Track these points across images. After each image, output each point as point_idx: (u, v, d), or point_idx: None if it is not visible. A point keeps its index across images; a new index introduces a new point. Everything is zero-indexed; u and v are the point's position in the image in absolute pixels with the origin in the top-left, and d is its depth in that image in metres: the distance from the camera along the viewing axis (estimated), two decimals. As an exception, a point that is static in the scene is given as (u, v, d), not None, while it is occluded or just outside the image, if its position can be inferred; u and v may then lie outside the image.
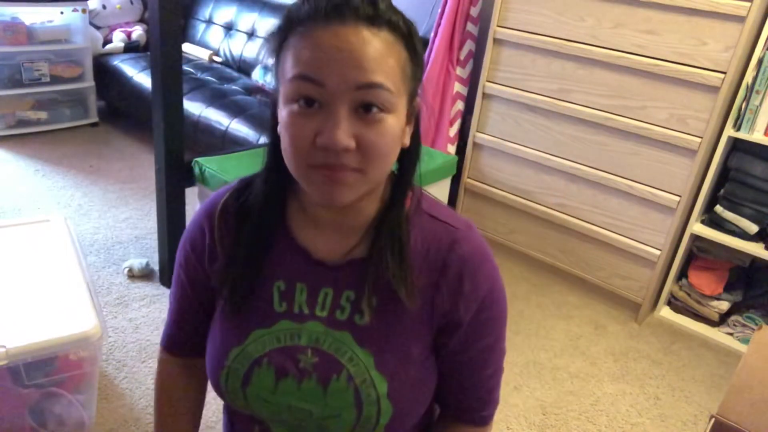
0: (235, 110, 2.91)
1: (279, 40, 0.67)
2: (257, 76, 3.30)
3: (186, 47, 3.73)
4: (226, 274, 0.76)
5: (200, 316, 0.84)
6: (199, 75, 3.39)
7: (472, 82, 2.74)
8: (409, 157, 0.74)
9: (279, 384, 0.74)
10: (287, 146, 0.66)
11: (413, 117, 0.72)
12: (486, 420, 0.83)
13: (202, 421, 1.68)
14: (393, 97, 0.64)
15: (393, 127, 0.65)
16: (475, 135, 2.65)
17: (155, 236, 2.32)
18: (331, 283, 0.75)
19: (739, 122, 2.05)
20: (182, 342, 0.89)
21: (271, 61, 0.70)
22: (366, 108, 0.63)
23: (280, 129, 0.67)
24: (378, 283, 0.72)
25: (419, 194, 0.77)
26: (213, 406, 1.72)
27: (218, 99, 3.01)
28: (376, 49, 0.62)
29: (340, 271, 0.75)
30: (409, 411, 0.75)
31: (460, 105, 2.77)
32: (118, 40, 3.69)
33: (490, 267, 0.76)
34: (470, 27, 2.68)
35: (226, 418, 0.90)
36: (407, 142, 0.72)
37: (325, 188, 0.65)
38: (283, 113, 0.66)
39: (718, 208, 2.23)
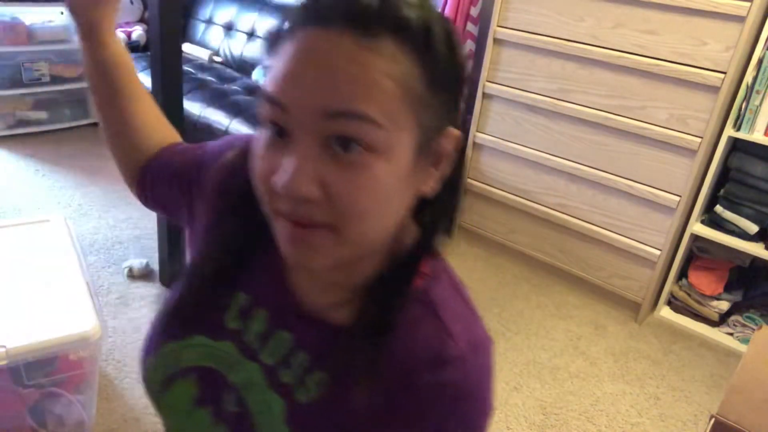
0: (235, 110, 2.91)
1: (270, 43, 0.52)
2: (257, 76, 3.30)
3: (186, 47, 3.72)
4: (200, 257, 0.65)
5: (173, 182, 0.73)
6: (199, 75, 3.39)
7: (472, 82, 2.74)
8: (432, 210, 0.56)
9: (196, 409, 0.63)
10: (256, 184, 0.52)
11: (442, 159, 0.54)
12: None
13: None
14: (383, 133, 0.47)
15: (382, 175, 0.48)
16: (475, 135, 2.65)
17: (155, 236, 2.32)
18: (292, 331, 0.60)
19: (739, 122, 2.05)
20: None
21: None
22: (343, 144, 0.46)
23: None
24: (345, 361, 0.56)
25: (434, 272, 0.58)
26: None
27: (218, 99, 3.01)
28: (362, 65, 0.45)
29: (308, 324, 0.59)
30: None
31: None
32: (118, 40, 3.69)
33: (476, 408, 0.56)
34: (470, 27, 2.68)
35: None
36: (428, 189, 0.54)
37: (290, 246, 0.50)
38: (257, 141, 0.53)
39: (718, 208, 2.23)
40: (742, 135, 2.06)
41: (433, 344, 0.54)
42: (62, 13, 3.33)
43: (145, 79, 3.22)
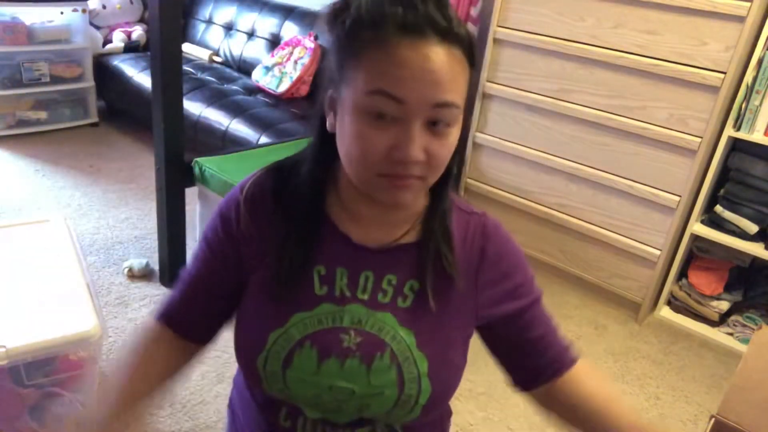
0: (235, 110, 2.91)
1: (348, 42, 0.66)
2: (257, 76, 3.30)
3: (186, 47, 3.73)
4: (272, 259, 0.76)
5: (213, 298, 0.82)
6: (199, 75, 3.39)
7: (472, 81, 2.74)
8: (453, 156, 0.75)
9: (322, 365, 0.74)
10: (356, 155, 0.67)
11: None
12: (577, 357, 0.84)
13: (202, 420, 1.68)
14: (460, 112, 0.68)
15: (455, 138, 0.70)
16: (475, 135, 2.65)
17: (155, 236, 2.32)
18: (372, 267, 0.77)
19: (739, 122, 2.05)
20: (186, 321, 0.84)
21: (332, 61, 0.70)
22: (435, 123, 0.66)
23: (344, 136, 0.68)
24: (421, 268, 0.76)
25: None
26: (213, 406, 1.72)
27: (218, 99, 3.01)
28: (452, 68, 0.65)
29: (381, 255, 0.77)
30: (446, 392, 0.78)
31: (460, 105, 2.77)
32: (118, 40, 3.69)
33: (512, 240, 0.84)
34: (470, 27, 2.67)
35: (242, 408, 0.87)
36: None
37: (389, 193, 0.69)
38: (349, 121, 0.67)
39: (718, 208, 2.23)
40: (742, 135, 2.06)
41: (474, 223, 0.81)
42: (62, 12, 3.33)
43: (145, 79, 3.23)
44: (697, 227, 2.25)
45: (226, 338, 0.83)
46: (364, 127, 0.65)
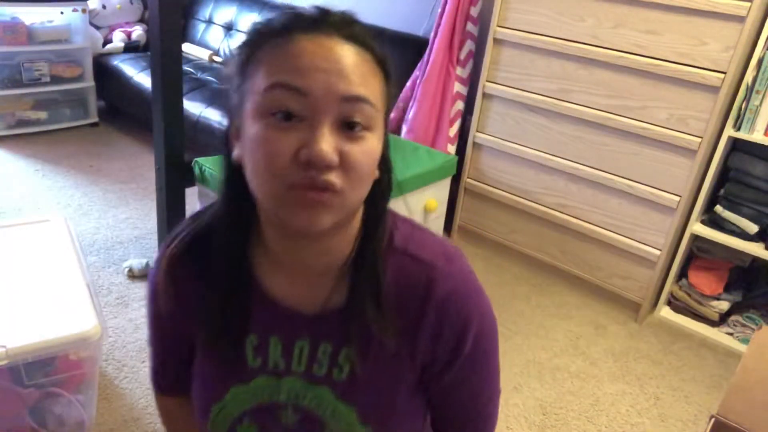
0: (235, 110, 2.90)
1: (246, 55, 0.61)
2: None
3: (186, 47, 3.72)
4: (198, 328, 0.72)
5: (185, 356, 0.79)
6: (199, 75, 3.39)
7: (472, 82, 2.74)
8: (380, 186, 0.67)
9: None
10: (260, 167, 0.59)
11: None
12: None
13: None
14: (375, 113, 0.60)
15: (374, 147, 0.61)
16: (475, 135, 2.65)
17: (155, 236, 2.32)
18: (307, 336, 0.70)
19: (739, 122, 2.05)
20: (172, 384, 0.85)
21: (234, 81, 0.63)
22: (349, 125, 0.59)
23: (248, 150, 0.60)
24: (357, 333, 0.68)
25: (392, 226, 0.71)
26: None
27: (218, 99, 3.01)
28: (360, 66, 0.59)
29: (315, 323, 0.70)
30: None
31: (460, 105, 2.76)
32: (118, 40, 3.69)
33: (475, 302, 0.71)
34: (470, 27, 2.67)
35: None
36: (377, 171, 0.66)
37: (303, 211, 0.59)
38: (253, 130, 0.59)
39: (718, 208, 2.23)
40: (742, 135, 2.06)
41: (419, 275, 0.68)
42: (62, 12, 3.33)
43: (145, 79, 3.23)
44: (697, 227, 2.25)
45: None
46: (268, 131, 0.58)
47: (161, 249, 0.75)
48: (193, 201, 2.29)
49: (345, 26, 0.60)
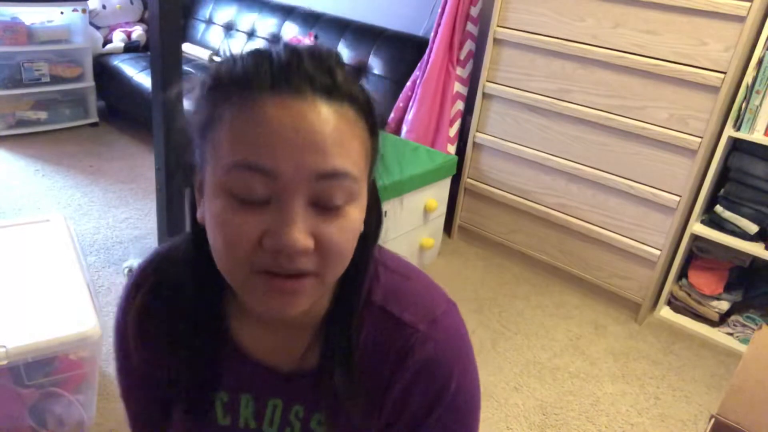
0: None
1: (209, 106, 0.53)
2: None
3: (186, 47, 3.72)
4: (167, 384, 0.67)
5: (164, 405, 0.73)
6: (199, 75, 3.39)
7: (472, 82, 2.74)
8: (365, 241, 0.59)
9: None
10: (221, 248, 0.52)
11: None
12: None
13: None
14: (357, 184, 0.53)
15: (355, 219, 0.54)
16: (475, 135, 2.65)
17: (155, 236, 2.32)
18: (280, 395, 0.66)
19: (739, 122, 2.05)
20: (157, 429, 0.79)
21: (195, 138, 0.55)
22: (328, 201, 0.51)
23: (208, 223, 0.54)
24: (327, 400, 0.64)
25: (372, 276, 0.64)
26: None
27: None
28: (338, 129, 0.50)
29: (290, 382, 0.65)
30: None
31: (460, 105, 2.77)
32: (118, 40, 3.69)
33: (455, 370, 0.63)
34: (470, 27, 2.67)
35: None
36: (362, 226, 0.59)
37: (272, 300, 0.52)
38: (213, 206, 0.52)
39: (718, 208, 2.23)
40: (742, 135, 2.06)
41: (397, 337, 0.61)
42: (62, 12, 3.33)
43: (145, 79, 3.23)
44: (697, 227, 2.25)
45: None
46: (228, 212, 0.50)
47: (126, 288, 0.69)
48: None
49: (320, 76, 0.51)
